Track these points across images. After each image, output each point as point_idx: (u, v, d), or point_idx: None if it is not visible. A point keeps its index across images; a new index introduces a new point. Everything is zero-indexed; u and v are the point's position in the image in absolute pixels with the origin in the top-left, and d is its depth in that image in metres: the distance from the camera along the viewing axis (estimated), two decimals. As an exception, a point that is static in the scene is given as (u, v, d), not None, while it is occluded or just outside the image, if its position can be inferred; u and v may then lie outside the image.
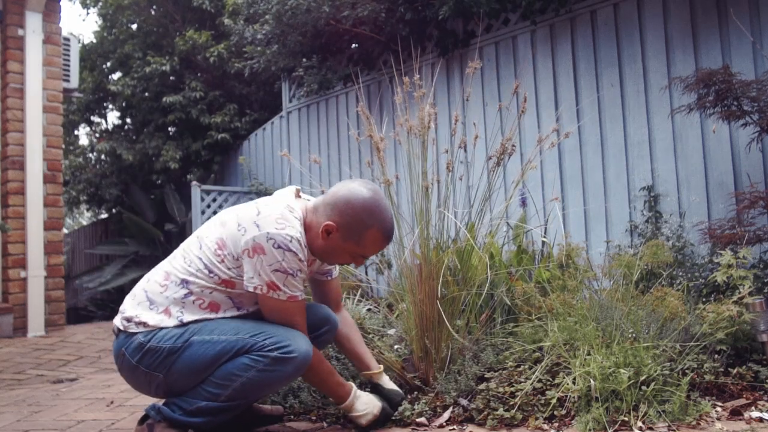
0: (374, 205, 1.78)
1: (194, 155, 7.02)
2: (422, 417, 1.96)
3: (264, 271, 1.67)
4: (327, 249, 1.80)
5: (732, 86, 2.70)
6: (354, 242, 1.78)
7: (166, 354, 1.70)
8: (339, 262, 1.88)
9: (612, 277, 2.44)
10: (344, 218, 1.76)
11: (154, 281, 1.79)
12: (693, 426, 1.73)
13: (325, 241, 1.78)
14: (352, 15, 4.47)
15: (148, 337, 1.72)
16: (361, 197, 1.77)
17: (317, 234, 1.78)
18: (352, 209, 1.76)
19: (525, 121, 4.08)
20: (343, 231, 1.76)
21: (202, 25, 7.50)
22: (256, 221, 1.69)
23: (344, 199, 1.77)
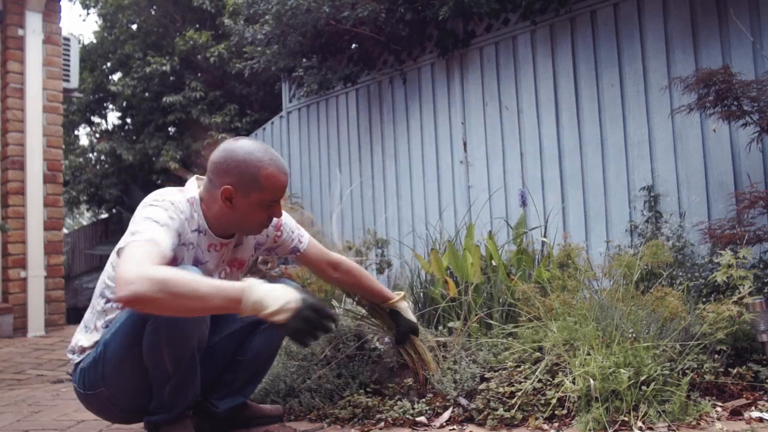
0: (251, 147, 1.76)
1: (194, 155, 7.03)
2: (422, 417, 1.96)
3: (134, 225, 1.58)
4: (239, 215, 1.75)
5: (732, 86, 2.70)
6: (257, 191, 1.73)
7: (95, 365, 1.71)
8: (258, 222, 1.79)
9: (612, 277, 2.44)
10: (234, 175, 1.71)
11: (89, 311, 1.81)
12: (693, 426, 1.73)
13: (231, 208, 1.73)
14: (352, 15, 4.47)
15: (84, 360, 1.74)
16: (237, 147, 1.75)
17: (221, 206, 1.73)
18: (236, 162, 1.72)
19: (525, 121, 4.08)
20: (241, 187, 1.72)
21: (202, 26, 7.50)
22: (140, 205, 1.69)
23: (222, 159, 1.74)
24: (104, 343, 1.69)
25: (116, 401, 1.75)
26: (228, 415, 1.99)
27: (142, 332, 1.63)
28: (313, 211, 5.72)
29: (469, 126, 4.43)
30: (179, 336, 1.64)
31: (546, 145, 3.97)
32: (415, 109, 4.82)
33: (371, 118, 5.18)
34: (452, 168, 4.51)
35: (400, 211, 4.90)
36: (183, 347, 1.67)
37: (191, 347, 1.69)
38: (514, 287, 2.50)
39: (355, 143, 5.32)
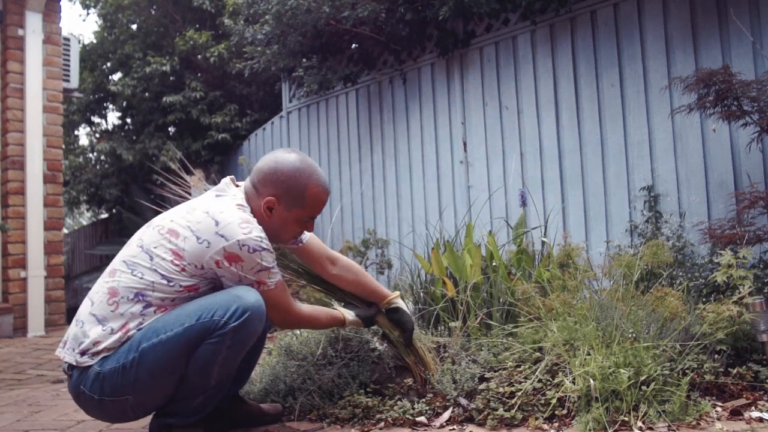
0: (303, 163, 1.78)
1: (194, 155, 7.02)
2: (422, 417, 1.96)
3: (248, 275, 1.68)
4: (275, 226, 1.79)
5: (732, 86, 2.70)
6: (299, 207, 1.78)
7: (123, 372, 1.61)
8: (291, 235, 1.87)
9: (612, 277, 2.44)
10: (281, 188, 1.76)
11: (100, 303, 1.68)
12: (693, 426, 1.73)
13: (270, 218, 1.77)
14: (352, 15, 4.47)
15: (103, 365, 1.63)
16: (288, 162, 1.77)
17: (261, 216, 1.76)
18: (285, 176, 1.75)
19: (525, 121, 4.08)
20: (285, 200, 1.77)
21: (202, 26, 7.50)
22: (218, 232, 1.65)
23: (272, 170, 1.76)
24: (142, 351, 1.60)
25: (140, 408, 1.70)
26: (227, 408, 1.99)
27: (197, 346, 1.62)
28: (313, 211, 5.72)
29: (469, 126, 4.43)
30: (237, 355, 1.69)
31: (546, 145, 3.97)
32: (415, 109, 4.82)
33: (371, 118, 5.18)
34: (452, 168, 4.51)
35: (400, 211, 4.90)
36: (234, 365, 1.72)
37: (242, 355, 1.74)
38: (514, 287, 2.50)
39: (355, 143, 5.32)
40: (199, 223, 1.67)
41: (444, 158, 4.58)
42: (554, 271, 2.56)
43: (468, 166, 4.40)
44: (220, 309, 1.62)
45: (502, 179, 4.18)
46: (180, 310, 1.66)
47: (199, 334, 1.61)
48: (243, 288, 1.68)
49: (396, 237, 4.82)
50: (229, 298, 1.64)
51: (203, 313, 1.62)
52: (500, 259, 2.79)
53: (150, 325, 1.64)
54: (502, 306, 2.58)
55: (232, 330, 1.62)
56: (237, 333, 1.63)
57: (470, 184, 4.37)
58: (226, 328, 1.61)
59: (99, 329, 1.65)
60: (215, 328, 1.61)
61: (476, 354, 2.24)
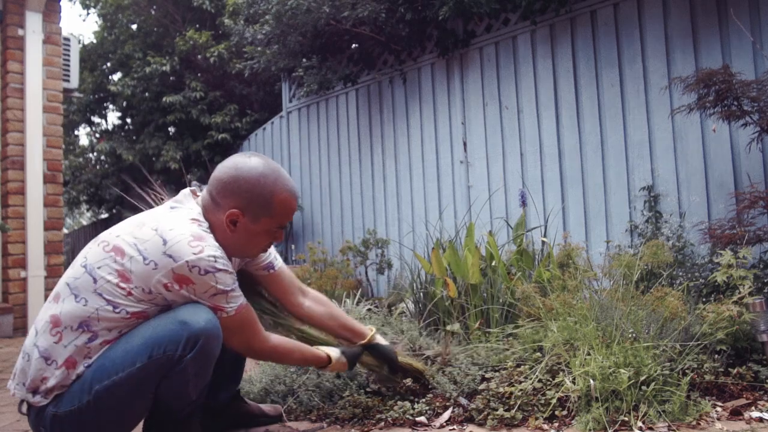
0: (267, 168, 1.59)
1: (194, 155, 7.03)
2: (422, 416, 1.96)
3: (202, 298, 1.51)
4: (241, 240, 1.61)
5: (732, 86, 2.70)
6: (267, 216, 1.60)
7: (80, 415, 1.48)
8: (259, 248, 1.69)
9: (612, 277, 2.44)
10: (244, 198, 1.56)
11: (43, 332, 1.51)
12: (693, 426, 1.73)
13: (234, 233, 1.59)
14: (352, 15, 4.47)
15: (58, 406, 1.49)
16: (250, 168, 1.57)
17: (224, 229, 1.58)
18: (248, 184, 1.56)
19: (525, 121, 4.08)
20: (251, 212, 1.58)
21: (202, 26, 7.50)
22: (166, 252, 1.47)
23: (233, 178, 1.57)
24: (96, 393, 1.46)
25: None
26: (227, 408, 1.99)
27: (156, 381, 1.49)
28: (312, 211, 5.73)
29: (469, 126, 4.43)
30: (205, 373, 1.56)
31: (546, 145, 3.97)
32: (415, 109, 4.82)
33: (371, 118, 5.18)
34: (452, 168, 4.51)
35: (400, 211, 4.90)
36: (207, 374, 1.59)
37: (211, 368, 1.61)
38: (514, 287, 2.50)
39: (355, 143, 5.32)
40: (146, 241, 1.49)
41: (444, 158, 4.58)
42: (554, 271, 2.56)
43: (468, 166, 4.39)
44: (170, 343, 1.46)
45: (502, 179, 4.18)
46: (125, 343, 1.49)
47: (156, 371, 1.47)
48: (188, 308, 1.51)
49: (396, 237, 4.82)
50: (175, 327, 1.47)
51: (153, 349, 1.46)
52: (500, 259, 2.79)
53: (98, 363, 1.49)
54: (502, 306, 2.58)
55: (191, 360, 1.48)
56: (196, 362, 1.49)
57: (470, 184, 4.37)
58: (183, 362, 1.47)
59: (43, 363, 1.49)
60: (172, 364, 1.47)
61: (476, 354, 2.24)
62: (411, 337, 2.39)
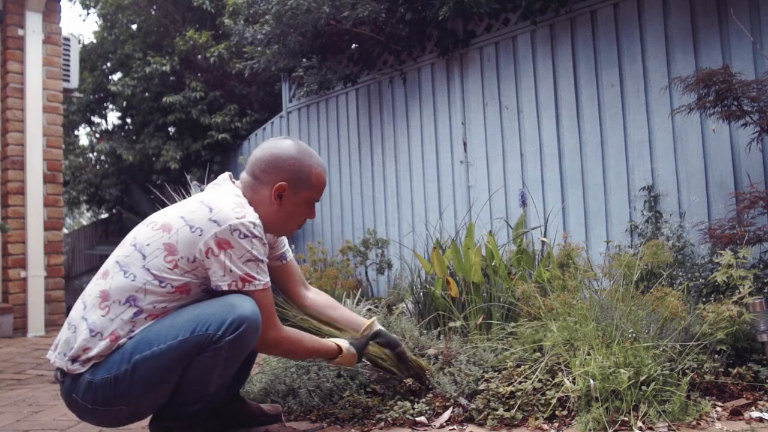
0: (302, 146, 1.79)
1: (194, 155, 7.02)
2: (422, 416, 1.96)
3: (236, 265, 1.60)
4: (284, 213, 1.76)
5: (732, 86, 2.70)
6: (307, 189, 1.77)
7: (115, 383, 1.56)
8: (298, 220, 1.82)
9: (612, 277, 2.44)
10: (289, 173, 1.74)
11: (92, 306, 1.62)
12: (693, 426, 1.73)
13: (279, 206, 1.75)
14: (352, 15, 4.47)
15: (94, 374, 1.58)
16: (289, 146, 1.77)
17: (269, 204, 1.74)
18: (291, 160, 1.75)
19: (525, 121, 4.09)
20: (294, 184, 1.74)
21: (202, 25, 7.50)
22: (212, 218, 1.60)
23: (275, 156, 1.75)
24: (135, 363, 1.55)
25: (134, 416, 1.65)
26: (228, 408, 1.99)
27: (191, 358, 1.57)
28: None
29: (469, 126, 4.43)
30: (234, 365, 1.65)
31: (546, 145, 3.97)
32: (415, 109, 4.82)
33: (371, 118, 5.18)
34: (452, 168, 4.51)
35: (400, 211, 4.90)
36: (231, 372, 1.67)
37: (239, 362, 1.68)
38: (515, 287, 2.50)
39: (355, 143, 5.32)
40: (193, 212, 1.63)
41: (444, 158, 4.58)
42: (554, 271, 2.56)
43: (468, 166, 4.40)
44: (215, 322, 1.56)
45: (502, 179, 4.18)
46: (172, 319, 1.59)
47: (194, 348, 1.56)
48: (238, 296, 1.61)
49: (396, 237, 4.82)
50: (223, 309, 1.58)
51: (198, 325, 1.56)
52: (500, 259, 2.79)
53: (142, 335, 1.58)
54: (503, 305, 2.58)
55: (228, 343, 1.57)
56: (233, 345, 1.58)
57: (470, 184, 4.37)
58: (221, 342, 1.56)
59: (89, 335, 1.59)
60: (210, 342, 1.56)
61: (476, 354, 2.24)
62: (412, 336, 2.39)
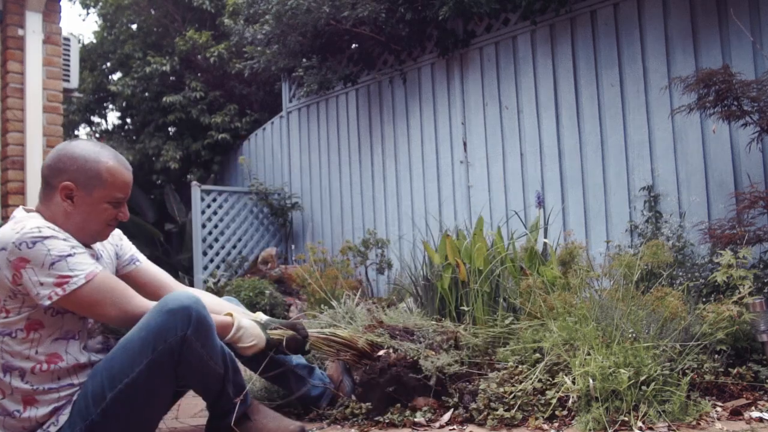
0: (88, 144, 1.67)
1: (194, 155, 7.02)
2: (422, 417, 1.96)
3: (43, 274, 1.50)
4: (80, 217, 1.63)
5: (732, 86, 2.70)
6: (100, 187, 1.63)
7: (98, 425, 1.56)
8: (104, 219, 1.67)
9: (612, 277, 2.44)
10: (72, 170, 1.61)
11: None
12: (693, 426, 1.73)
13: (74, 207, 1.62)
14: (352, 15, 4.47)
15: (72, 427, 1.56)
16: (72, 146, 1.65)
17: (63, 209, 1.61)
18: (72, 157, 1.62)
19: (525, 121, 4.08)
20: (82, 183, 1.61)
21: (202, 25, 7.50)
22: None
23: (57, 158, 1.63)
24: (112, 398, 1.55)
25: None
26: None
27: (173, 364, 1.57)
28: (312, 211, 5.73)
29: (469, 126, 4.43)
30: (209, 334, 1.62)
31: (546, 145, 3.97)
32: (415, 109, 4.82)
33: (371, 118, 5.18)
34: (452, 168, 4.51)
35: (400, 211, 4.90)
36: (214, 342, 1.65)
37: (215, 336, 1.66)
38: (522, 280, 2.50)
39: (355, 143, 5.32)
40: None
41: (444, 158, 4.58)
42: (554, 271, 2.56)
43: (468, 166, 4.40)
44: (168, 330, 1.54)
45: (502, 179, 4.18)
46: (122, 351, 1.57)
47: (169, 358, 1.56)
48: (164, 299, 1.58)
49: (396, 237, 4.82)
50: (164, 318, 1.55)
51: (155, 343, 1.54)
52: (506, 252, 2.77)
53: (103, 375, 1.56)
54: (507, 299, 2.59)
55: (192, 335, 1.56)
56: (198, 333, 1.58)
57: (470, 184, 4.37)
58: (187, 341, 1.56)
59: (12, 420, 1.56)
60: (179, 347, 1.55)
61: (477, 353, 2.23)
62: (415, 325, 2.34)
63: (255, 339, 1.83)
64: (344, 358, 2.11)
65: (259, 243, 5.91)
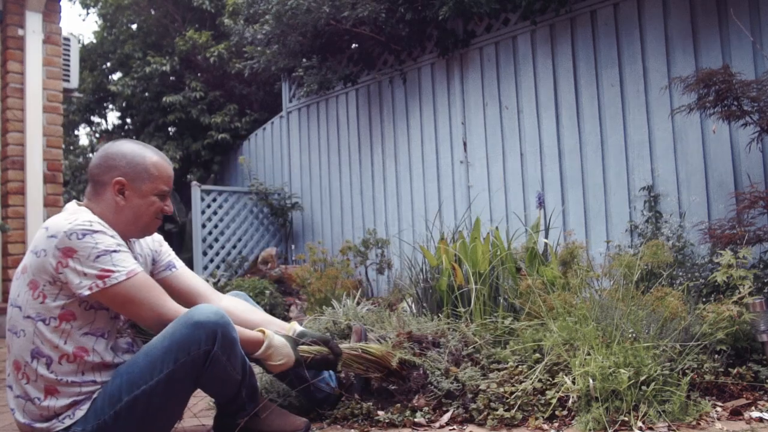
0: (129, 142, 1.76)
1: (194, 155, 7.03)
2: (422, 417, 1.96)
3: (88, 266, 1.56)
4: (132, 211, 1.71)
5: (732, 86, 2.70)
6: (149, 181, 1.72)
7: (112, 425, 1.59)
8: (153, 212, 1.75)
9: (612, 277, 2.44)
10: (123, 167, 1.70)
11: (16, 382, 1.63)
12: (693, 426, 1.73)
13: (126, 202, 1.70)
14: (352, 15, 4.47)
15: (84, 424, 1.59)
16: (119, 145, 1.74)
17: (114, 205, 1.70)
18: (120, 154, 1.71)
19: (525, 121, 4.08)
20: (132, 178, 1.71)
21: (202, 25, 7.51)
22: (48, 236, 1.58)
23: (105, 157, 1.72)
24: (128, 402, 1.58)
25: None
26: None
27: (194, 377, 1.61)
28: (312, 211, 5.73)
29: (469, 126, 4.43)
30: (234, 348, 1.65)
31: (546, 145, 3.97)
32: (415, 109, 4.82)
33: (371, 118, 5.18)
34: (452, 168, 4.51)
35: (400, 211, 4.90)
36: (238, 353, 1.68)
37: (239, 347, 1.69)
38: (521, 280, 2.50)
39: (355, 143, 5.32)
40: (35, 241, 1.62)
41: (444, 158, 4.58)
42: (555, 271, 2.56)
43: (468, 166, 4.40)
44: (192, 344, 1.57)
45: (502, 179, 4.18)
46: (144, 357, 1.60)
47: (191, 370, 1.60)
48: (194, 309, 1.62)
49: (396, 236, 4.82)
50: (190, 331, 1.58)
51: (177, 354, 1.58)
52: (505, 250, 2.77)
53: (120, 379, 1.60)
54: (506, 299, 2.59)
55: (219, 351, 1.60)
56: (224, 349, 1.62)
57: (470, 184, 4.37)
58: (211, 355, 1.59)
59: (32, 406, 1.60)
60: (202, 361, 1.59)
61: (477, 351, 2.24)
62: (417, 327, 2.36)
63: (284, 358, 1.81)
64: (374, 376, 2.05)
65: (259, 243, 5.91)
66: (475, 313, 2.54)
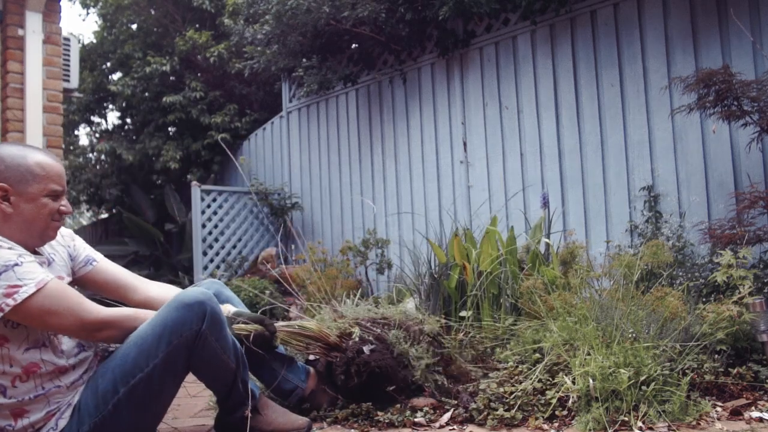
0: (8, 146, 1.62)
1: (194, 155, 7.02)
2: (422, 417, 1.96)
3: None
4: (21, 217, 1.58)
5: (732, 86, 2.70)
6: (34, 182, 1.58)
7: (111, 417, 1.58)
8: (47, 214, 1.62)
9: (612, 277, 2.44)
10: (3, 173, 1.56)
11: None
12: (693, 426, 1.74)
13: (12, 209, 1.57)
14: (352, 15, 4.47)
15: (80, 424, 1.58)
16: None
17: (3, 215, 1.57)
18: (0, 160, 1.57)
19: (525, 121, 4.08)
20: (15, 182, 1.57)
21: (202, 25, 7.51)
22: None
23: None
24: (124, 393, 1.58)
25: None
26: None
27: (186, 356, 1.62)
28: (312, 211, 5.73)
29: (469, 126, 4.43)
30: (221, 329, 1.68)
31: (546, 145, 3.97)
32: (415, 109, 4.82)
33: (371, 118, 5.18)
34: (452, 168, 4.51)
35: (400, 211, 4.90)
36: (226, 336, 1.70)
37: (226, 330, 1.71)
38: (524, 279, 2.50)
39: (355, 143, 5.32)
40: None
41: (444, 158, 4.58)
42: (555, 271, 2.56)
43: (468, 166, 4.40)
44: (183, 325, 1.60)
45: (502, 179, 4.18)
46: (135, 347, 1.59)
47: (183, 349, 1.61)
48: (179, 295, 1.64)
49: (396, 237, 4.82)
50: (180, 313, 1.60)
51: (171, 337, 1.59)
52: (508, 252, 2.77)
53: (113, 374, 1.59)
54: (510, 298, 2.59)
55: (208, 330, 1.63)
56: (212, 328, 1.64)
57: (470, 184, 4.37)
58: (202, 335, 1.62)
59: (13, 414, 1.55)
60: (193, 339, 1.61)
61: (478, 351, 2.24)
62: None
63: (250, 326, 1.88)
64: (314, 352, 2.10)
65: (259, 243, 5.91)
66: (483, 312, 2.55)
